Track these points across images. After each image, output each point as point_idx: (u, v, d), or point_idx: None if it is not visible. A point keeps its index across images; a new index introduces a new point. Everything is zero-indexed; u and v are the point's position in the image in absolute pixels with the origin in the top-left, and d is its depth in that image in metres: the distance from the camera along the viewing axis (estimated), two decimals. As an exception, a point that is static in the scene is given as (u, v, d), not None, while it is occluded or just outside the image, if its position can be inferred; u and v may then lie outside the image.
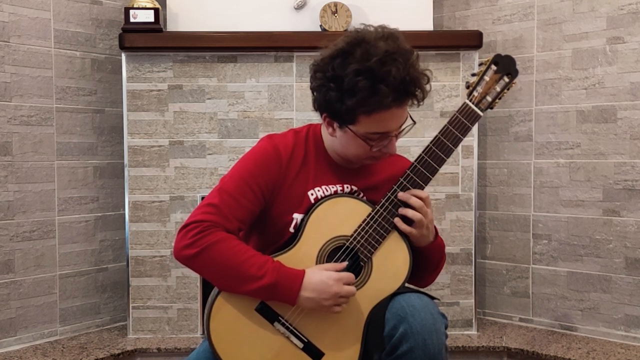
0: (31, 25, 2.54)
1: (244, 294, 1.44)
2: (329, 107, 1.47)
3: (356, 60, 1.40)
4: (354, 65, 1.40)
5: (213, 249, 1.43)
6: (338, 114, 1.46)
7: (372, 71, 1.39)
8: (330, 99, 1.44)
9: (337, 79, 1.42)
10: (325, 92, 1.46)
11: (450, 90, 2.63)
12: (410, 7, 2.69)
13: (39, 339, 2.58)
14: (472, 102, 1.52)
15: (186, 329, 2.65)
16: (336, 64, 1.43)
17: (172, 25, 2.67)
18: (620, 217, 2.54)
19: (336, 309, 1.44)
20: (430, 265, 1.60)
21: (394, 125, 1.47)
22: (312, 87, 1.51)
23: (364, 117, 1.44)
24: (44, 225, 2.59)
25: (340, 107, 1.44)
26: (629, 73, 2.50)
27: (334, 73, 1.43)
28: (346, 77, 1.40)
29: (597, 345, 2.52)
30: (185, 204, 2.62)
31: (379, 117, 1.43)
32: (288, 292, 1.43)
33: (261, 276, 1.42)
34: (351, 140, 1.49)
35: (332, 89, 1.43)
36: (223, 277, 1.45)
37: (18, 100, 2.51)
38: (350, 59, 1.41)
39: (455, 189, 2.65)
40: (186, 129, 2.62)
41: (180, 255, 1.46)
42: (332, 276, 1.43)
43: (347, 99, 1.42)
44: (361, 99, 1.40)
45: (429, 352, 1.38)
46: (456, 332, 2.67)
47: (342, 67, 1.41)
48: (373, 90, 1.39)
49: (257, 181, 1.51)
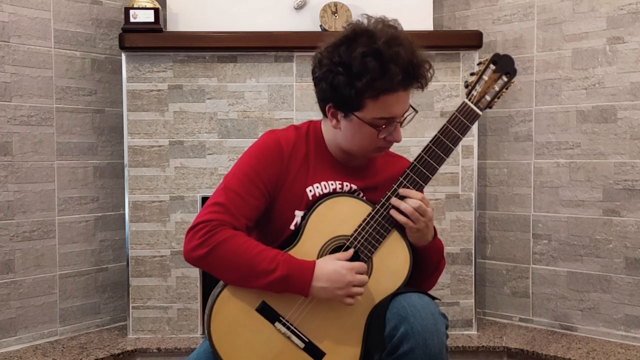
0: (31, 25, 2.54)
1: (258, 288, 1.44)
2: (336, 94, 1.47)
3: (362, 45, 1.43)
4: (361, 48, 1.42)
5: (223, 246, 1.43)
6: (344, 101, 1.46)
7: (381, 52, 1.41)
8: (339, 84, 1.45)
9: (345, 63, 1.44)
10: (332, 78, 1.46)
11: (450, 90, 2.63)
12: (410, 7, 2.69)
13: (39, 339, 2.58)
14: (471, 101, 1.52)
15: (186, 329, 2.65)
16: (342, 51, 1.44)
17: (172, 25, 2.67)
18: (620, 217, 2.54)
19: (348, 300, 1.44)
20: (429, 267, 1.59)
21: (399, 110, 1.48)
22: (316, 77, 1.51)
23: (370, 102, 1.44)
24: (44, 225, 2.59)
25: (348, 92, 1.44)
26: (629, 73, 2.50)
27: (340, 59, 1.44)
28: (354, 60, 1.42)
29: (597, 345, 2.52)
30: (185, 204, 2.62)
31: (386, 101, 1.44)
32: (301, 283, 1.43)
33: (273, 269, 1.42)
34: (357, 129, 1.49)
35: (340, 72, 1.44)
36: (235, 274, 1.45)
37: (18, 100, 2.50)
38: (356, 44, 1.43)
39: (455, 189, 2.65)
40: (186, 129, 2.62)
41: (191, 256, 1.46)
42: (344, 265, 1.44)
43: (356, 81, 1.42)
44: (371, 79, 1.41)
45: (430, 352, 1.38)
46: (456, 332, 2.67)
47: (349, 53, 1.43)
48: (383, 70, 1.41)
49: (260, 177, 1.52)
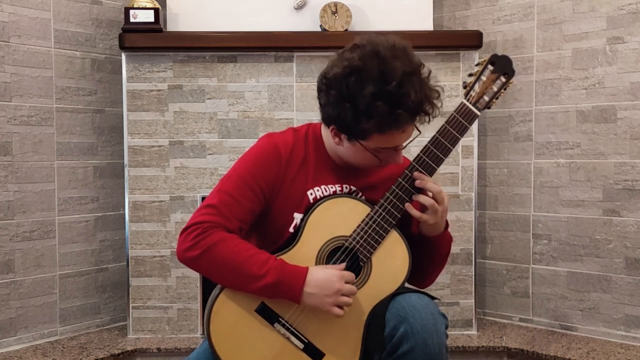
0: (31, 25, 2.54)
1: (250, 292, 1.45)
2: (341, 123, 1.46)
3: (373, 81, 1.39)
4: (371, 87, 1.38)
5: (214, 249, 1.43)
6: (350, 131, 1.46)
7: (391, 96, 1.38)
8: (345, 118, 1.43)
9: (353, 99, 1.40)
10: (340, 111, 1.44)
11: (450, 90, 2.63)
12: (410, 7, 2.69)
13: (39, 339, 2.59)
14: (469, 101, 1.52)
15: (186, 329, 2.65)
16: (351, 82, 1.41)
17: (172, 25, 2.67)
18: (620, 217, 2.54)
19: (336, 310, 1.44)
20: (438, 257, 1.60)
21: (403, 140, 1.49)
22: (323, 103, 1.49)
23: (377, 135, 1.44)
24: (44, 225, 2.59)
25: (355, 127, 1.43)
26: (629, 73, 2.50)
27: (349, 92, 1.41)
28: (363, 98, 1.39)
29: (597, 345, 2.52)
30: (185, 204, 2.63)
31: (392, 136, 1.44)
32: (292, 290, 1.43)
33: (263, 275, 1.42)
34: (359, 152, 1.50)
35: (347, 109, 1.42)
36: (227, 277, 1.46)
37: (18, 100, 2.51)
38: (366, 77, 1.39)
39: (455, 189, 2.65)
40: (186, 129, 2.62)
41: (183, 257, 1.47)
42: (334, 273, 1.44)
43: (363, 121, 1.41)
44: (379, 122, 1.40)
45: (430, 352, 1.38)
46: (456, 332, 2.67)
47: (358, 87, 1.40)
48: (392, 115, 1.39)
49: (256, 180, 1.51)
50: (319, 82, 1.50)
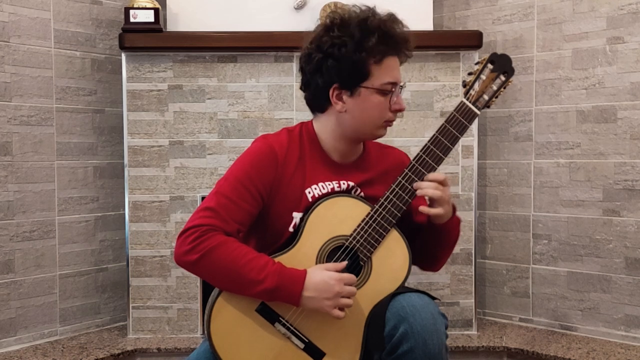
0: (31, 25, 2.54)
1: (248, 296, 1.45)
2: (342, 69, 1.50)
3: (355, 21, 1.51)
4: (356, 26, 1.49)
5: (213, 253, 1.43)
6: (351, 74, 1.50)
7: (375, 27, 1.49)
8: (342, 65, 1.49)
9: (343, 42, 1.49)
10: (335, 62, 1.50)
11: (450, 90, 2.63)
12: (410, 7, 2.69)
13: (39, 339, 2.59)
14: (469, 100, 1.53)
15: (186, 329, 2.65)
16: (336, 30, 1.51)
17: (172, 25, 2.67)
18: (620, 217, 2.54)
19: (336, 312, 1.44)
20: (450, 242, 1.63)
21: (399, 75, 1.54)
22: (316, 69, 1.53)
23: (375, 68, 1.49)
24: (44, 225, 2.59)
25: (353, 68, 1.48)
26: (629, 73, 2.50)
27: (340, 34, 1.50)
28: (354, 29, 1.49)
29: (597, 345, 2.52)
30: (185, 204, 2.63)
31: (389, 65, 1.51)
32: (291, 294, 1.43)
33: (261, 280, 1.42)
34: (366, 101, 1.52)
35: (344, 44, 1.49)
36: (225, 282, 1.46)
37: (18, 100, 2.51)
38: (347, 21, 1.52)
39: (455, 189, 2.65)
40: (186, 129, 2.62)
41: (181, 261, 1.47)
42: (333, 276, 1.44)
43: (358, 57, 1.48)
44: (374, 51, 1.48)
45: (429, 352, 1.38)
46: (456, 332, 2.67)
47: (345, 27, 1.50)
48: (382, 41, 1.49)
49: (253, 182, 1.51)
50: (301, 57, 1.57)
